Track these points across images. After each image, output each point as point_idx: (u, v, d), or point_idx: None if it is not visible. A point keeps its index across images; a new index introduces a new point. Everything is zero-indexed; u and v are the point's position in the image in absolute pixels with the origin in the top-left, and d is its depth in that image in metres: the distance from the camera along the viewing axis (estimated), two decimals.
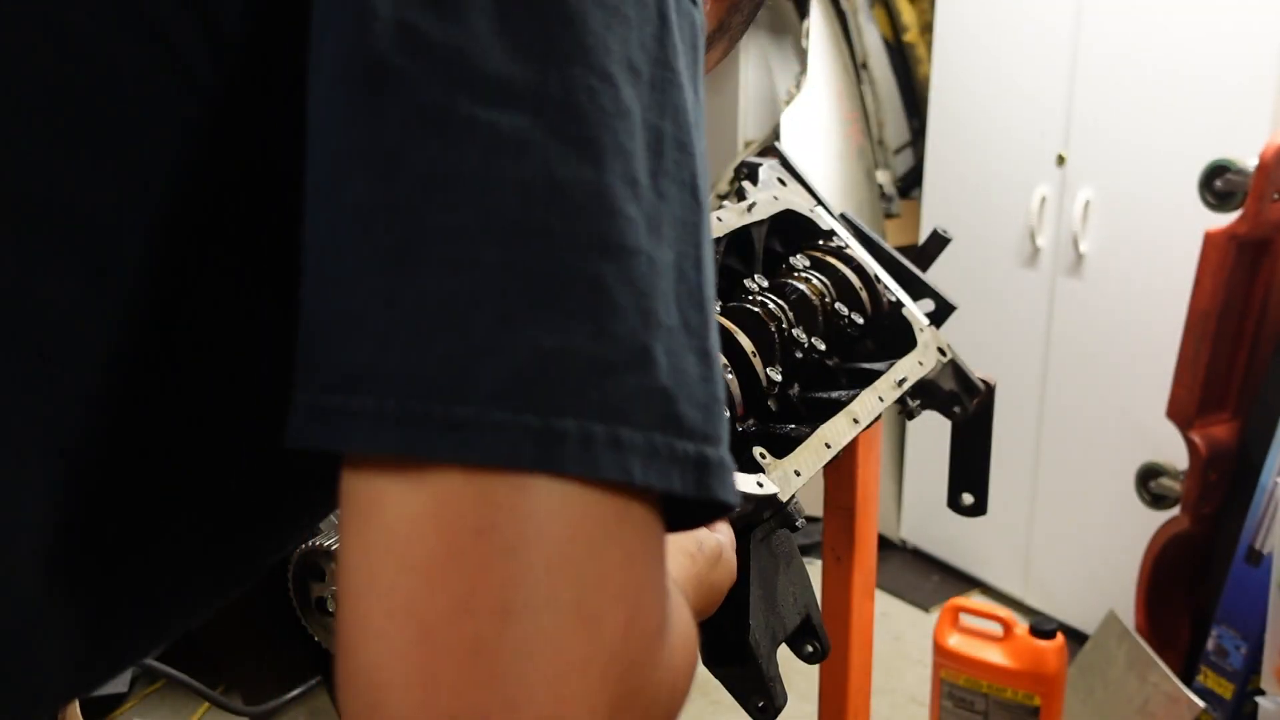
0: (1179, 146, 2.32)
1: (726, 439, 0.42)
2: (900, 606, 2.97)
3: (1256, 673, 2.01)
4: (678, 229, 0.41)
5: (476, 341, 0.36)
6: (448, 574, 0.35)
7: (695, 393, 0.40)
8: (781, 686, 0.85)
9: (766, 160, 1.24)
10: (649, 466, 0.38)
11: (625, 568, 0.38)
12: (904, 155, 3.28)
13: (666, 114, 0.42)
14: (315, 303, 0.39)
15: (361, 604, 0.36)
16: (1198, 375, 2.15)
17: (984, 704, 2.08)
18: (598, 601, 0.37)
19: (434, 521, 0.35)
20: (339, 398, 0.36)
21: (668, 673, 0.41)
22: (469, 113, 0.37)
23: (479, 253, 0.36)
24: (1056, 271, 2.66)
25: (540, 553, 0.36)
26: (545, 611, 0.35)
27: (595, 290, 0.37)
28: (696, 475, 0.39)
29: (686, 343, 0.40)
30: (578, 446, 0.36)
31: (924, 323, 1.21)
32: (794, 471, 0.88)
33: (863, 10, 3.14)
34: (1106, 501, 2.59)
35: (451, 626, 0.35)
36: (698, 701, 2.54)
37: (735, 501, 0.42)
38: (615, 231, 0.38)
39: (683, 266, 0.41)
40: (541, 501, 0.36)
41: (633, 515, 0.38)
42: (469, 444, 0.35)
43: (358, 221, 0.37)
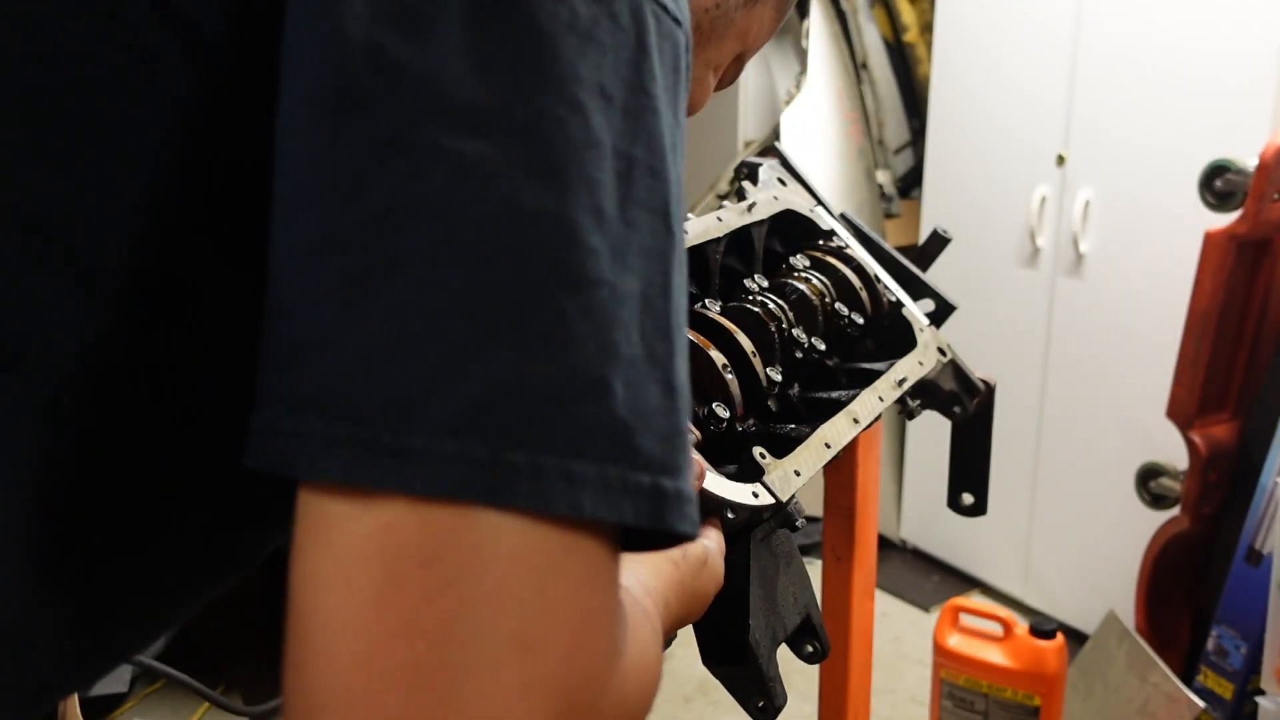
0: (1179, 146, 2.32)
1: (689, 470, 0.42)
2: (900, 606, 2.97)
3: (1256, 673, 2.01)
4: (646, 258, 0.41)
5: (430, 371, 0.36)
6: (390, 601, 0.35)
7: (655, 424, 0.40)
8: (781, 686, 0.85)
9: (766, 160, 1.24)
10: (599, 499, 0.38)
11: (570, 597, 0.38)
12: (904, 155, 3.28)
13: (639, 141, 0.41)
14: (275, 325, 0.39)
15: (307, 624, 0.37)
16: (1198, 375, 2.15)
17: (984, 704, 2.08)
18: (540, 629, 0.37)
19: (379, 548, 0.36)
20: (291, 421, 0.37)
21: (618, 698, 0.41)
22: (434, 139, 0.37)
23: (437, 282, 0.36)
24: (1056, 271, 2.66)
25: (483, 582, 0.36)
26: (485, 639, 0.36)
27: (553, 322, 0.37)
28: (651, 507, 0.39)
29: (649, 373, 0.40)
30: (526, 480, 0.36)
31: (924, 323, 1.21)
32: (794, 471, 0.88)
33: (863, 10, 3.14)
34: (1106, 501, 2.59)
35: (391, 652, 0.35)
36: (698, 701, 2.54)
37: (693, 532, 0.42)
38: (576, 263, 0.38)
39: (649, 296, 0.41)
40: (487, 533, 0.36)
41: (581, 545, 0.38)
42: (415, 474, 0.36)
43: (319, 245, 0.37)
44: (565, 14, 0.39)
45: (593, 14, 0.40)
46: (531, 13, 0.39)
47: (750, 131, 3.50)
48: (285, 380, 0.38)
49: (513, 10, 0.39)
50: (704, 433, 0.89)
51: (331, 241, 0.37)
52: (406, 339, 0.36)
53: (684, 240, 0.44)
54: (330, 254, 0.37)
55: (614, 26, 0.41)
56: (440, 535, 0.36)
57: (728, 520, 0.81)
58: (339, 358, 0.36)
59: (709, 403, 0.89)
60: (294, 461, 0.36)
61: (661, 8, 0.43)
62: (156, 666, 1.28)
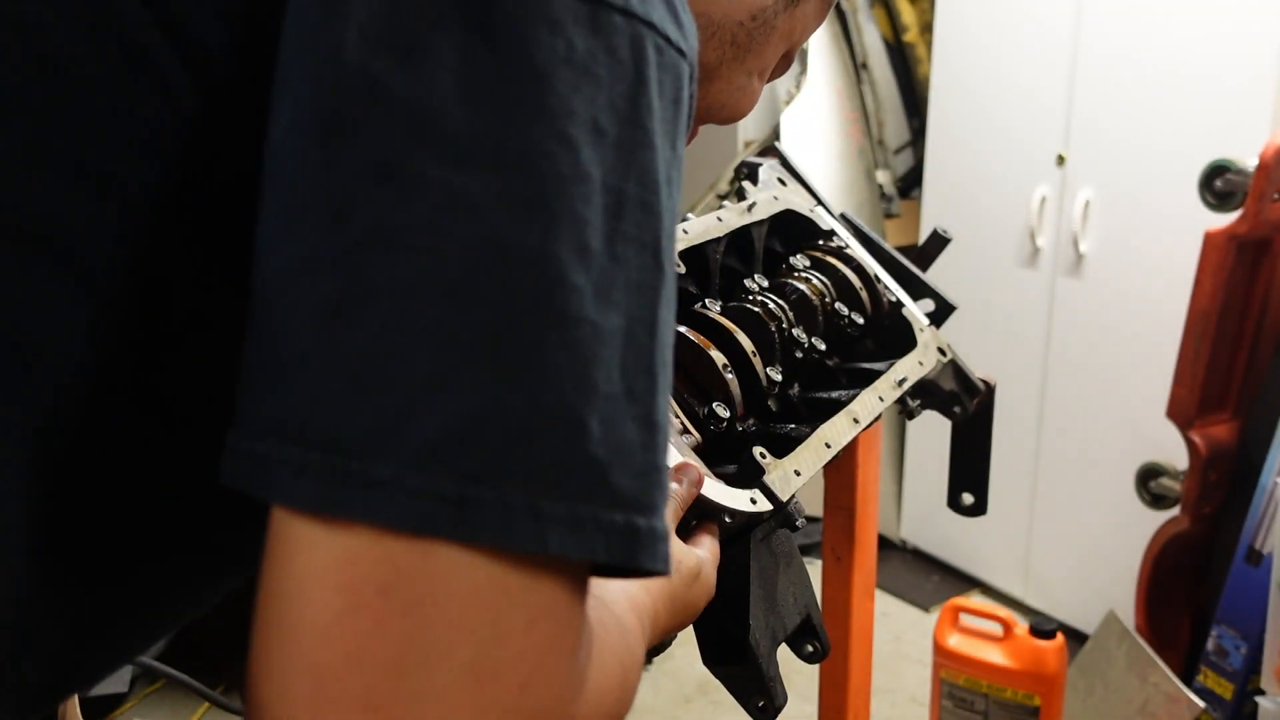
0: (1179, 146, 2.32)
1: (664, 506, 0.42)
2: (900, 606, 2.97)
3: (1256, 673, 2.01)
4: (632, 293, 0.41)
5: (402, 402, 0.36)
6: (346, 628, 0.36)
7: (632, 461, 0.40)
8: (781, 686, 0.85)
9: (766, 160, 1.24)
10: (568, 537, 0.38)
11: (527, 630, 0.38)
12: (904, 155, 3.28)
13: (631, 175, 0.41)
14: (255, 347, 0.39)
15: (265, 643, 0.37)
16: (1198, 375, 2.15)
17: (984, 704, 2.08)
18: (493, 663, 0.37)
19: (339, 576, 0.36)
20: (264, 445, 0.37)
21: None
22: (422, 169, 0.37)
23: (416, 312, 0.36)
24: (1056, 271, 2.66)
25: (440, 613, 0.36)
26: (440, 668, 0.36)
27: (529, 358, 0.37)
28: (625, 545, 0.39)
29: (628, 410, 0.40)
30: (493, 515, 0.36)
31: (924, 323, 1.21)
32: (794, 471, 0.88)
33: (863, 10, 3.14)
34: (1106, 501, 2.59)
35: (343, 680, 0.36)
36: (698, 701, 2.54)
37: (665, 571, 0.42)
38: (558, 299, 0.38)
39: (633, 332, 0.40)
40: (448, 565, 0.36)
41: (545, 579, 0.38)
42: (383, 506, 0.36)
43: (301, 271, 0.37)
44: (562, 48, 0.39)
45: (590, 47, 0.40)
46: (527, 46, 0.39)
47: (750, 131, 3.50)
48: (260, 402, 0.38)
49: (508, 43, 0.38)
50: (704, 433, 0.89)
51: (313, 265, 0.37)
52: (381, 368, 0.36)
53: (674, 276, 0.44)
54: (311, 277, 0.37)
55: (611, 60, 0.41)
56: (400, 565, 0.36)
57: (725, 525, 0.81)
58: (313, 384, 0.37)
59: (709, 403, 0.89)
60: (265, 486, 0.37)
61: (665, 39, 0.43)
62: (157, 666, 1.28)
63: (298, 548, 0.37)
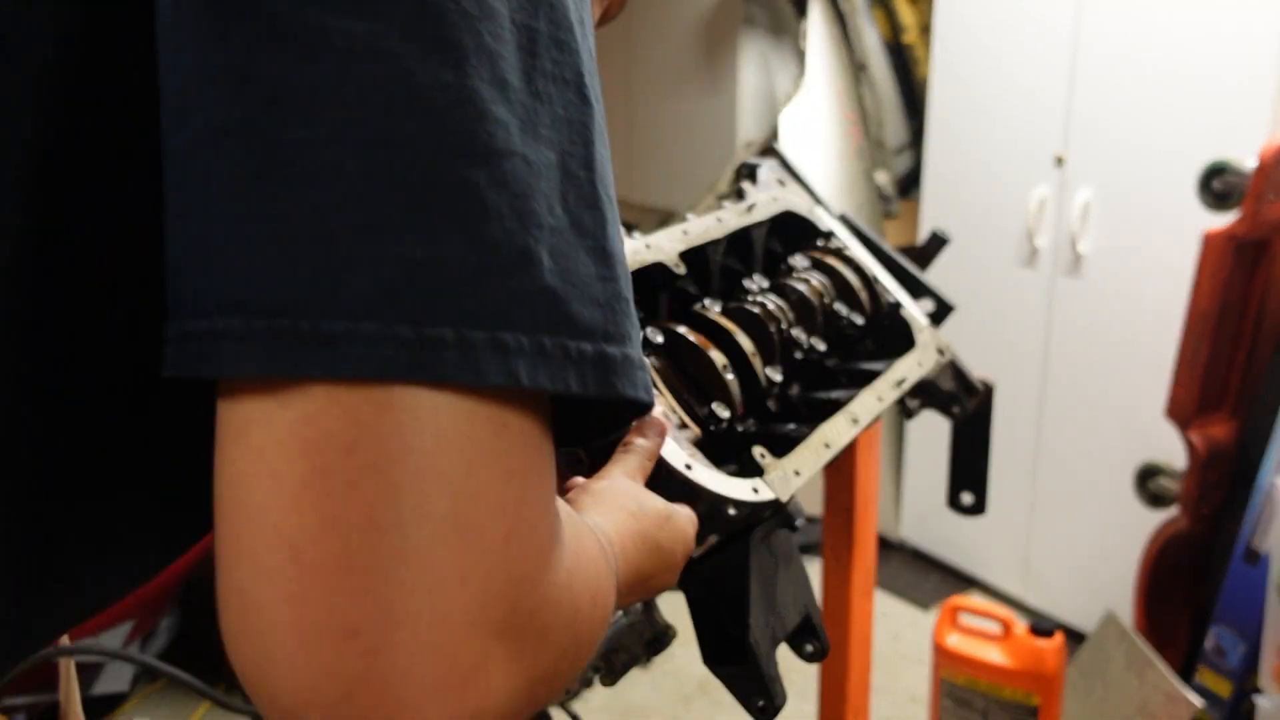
0: (1179, 146, 2.32)
1: (636, 337, 0.41)
2: (900, 606, 2.97)
3: (1254, 672, 2.02)
4: (561, 128, 0.40)
5: (342, 256, 0.35)
6: (315, 493, 0.35)
7: (591, 291, 0.39)
8: (781, 686, 0.85)
9: (766, 161, 1.24)
10: (538, 368, 0.37)
11: (504, 481, 0.37)
12: (904, 155, 3.28)
13: (540, 13, 0.40)
14: (178, 229, 0.38)
15: (233, 527, 0.36)
16: (1197, 375, 2.15)
17: (983, 703, 2.08)
18: (474, 515, 0.36)
19: (300, 441, 0.35)
20: (206, 322, 0.36)
21: (566, 593, 0.40)
22: (320, 21, 0.36)
23: (339, 166, 0.35)
24: (1055, 271, 2.66)
25: (409, 467, 0.35)
26: (417, 526, 0.35)
27: (464, 195, 0.36)
28: (599, 374, 0.39)
29: (578, 242, 0.39)
30: (457, 353, 0.36)
31: (923, 323, 1.21)
32: (794, 471, 0.88)
33: (862, 11, 3.14)
34: (1106, 501, 2.60)
35: (319, 545, 0.35)
36: (698, 701, 2.55)
37: (648, 399, 0.41)
38: (483, 134, 0.37)
39: (569, 166, 0.40)
40: (409, 414, 0.35)
41: (512, 425, 0.37)
42: (341, 359, 0.35)
43: (212, 142, 0.36)
44: None
45: None
46: None
47: (750, 132, 3.50)
48: (193, 283, 0.37)
49: None
50: (704, 433, 0.89)
51: (224, 133, 0.36)
52: (313, 226, 0.35)
53: (603, 112, 0.43)
54: (224, 146, 0.36)
55: None
56: (361, 420, 0.35)
57: (729, 517, 0.81)
58: (245, 252, 0.35)
59: (709, 403, 0.89)
60: (213, 362, 0.36)
61: None
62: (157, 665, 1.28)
63: (253, 422, 0.36)
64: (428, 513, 0.35)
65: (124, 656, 1.39)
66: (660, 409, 0.86)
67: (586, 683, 0.82)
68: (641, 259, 0.93)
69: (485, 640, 0.37)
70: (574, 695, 0.80)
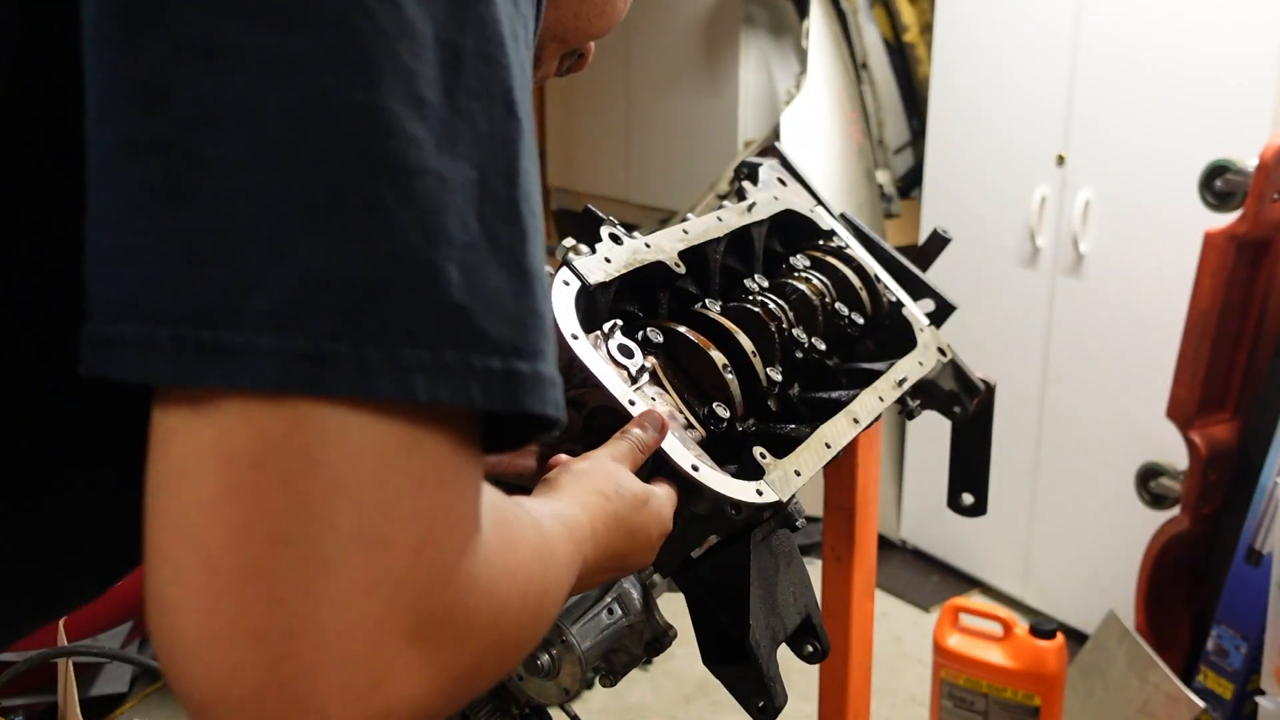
0: (1179, 146, 2.32)
1: (550, 352, 0.41)
2: (900, 606, 2.97)
3: (1256, 673, 2.01)
4: (483, 144, 0.40)
5: (247, 271, 0.36)
6: (226, 506, 0.36)
7: (502, 307, 0.39)
8: (782, 686, 0.85)
9: (766, 160, 1.24)
10: (438, 383, 0.37)
11: (415, 492, 0.38)
12: (904, 155, 3.28)
13: (468, 29, 0.41)
14: (96, 236, 0.38)
15: (157, 531, 0.37)
16: (1198, 375, 2.15)
17: (984, 704, 2.08)
18: (383, 527, 0.37)
19: (214, 455, 0.36)
20: (114, 328, 0.37)
21: (485, 599, 0.41)
22: (233, 38, 0.37)
23: (249, 182, 0.36)
24: (1056, 271, 2.66)
25: (316, 480, 0.36)
26: (323, 538, 0.36)
27: (370, 212, 0.37)
28: (505, 390, 0.39)
29: (492, 258, 0.39)
30: (352, 368, 0.36)
31: (924, 323, 1.21)
32: (794, 471, 0.88)
33: (863, 10, 3.14)
34: (1106, 501, 2.59)
35: (230, 555, 0.36)
36: (698, 701, 2.54)
37: (556, 416, 0.41)
38: (393, 152, 0.37)
39: (488, 181, 0.40)
40: (317, 429, 0.36)
41: (426, 439, 0.38)
42: (238, 370, 0.36)
43: (129, 157, 0.37)
44: None
45: None
46: None
47: (750, 131, 3.50)
48: (106, 288, 0.37)
49: None
50: (705, 432, 0.89)
51: (136, 148, 0.37)
52: (219, 239, 0.36)
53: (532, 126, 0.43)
54: (136, 161, 0.37)
55: None
56: (271, 436, 0.36)
57: (731, 517, 0.81)
58: (154, 262, 0.36)
59: (709, 403, 0.89)
60: (121, 365, 0.37)
61: None
62: (157, 666, 1.28)
63: (173, 434, 0.37)
64: (335, 525, 0.37)
65: (123, 657, 1.39)
66: (666, 409, 0.86)
67: (587, 684, 0.82)
68: (641, 259, 0.93)
69: (394, 646, 0.38)
70: (574, 696, 0.80)
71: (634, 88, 3.94)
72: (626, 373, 0.84)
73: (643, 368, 0.85)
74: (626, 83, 3.96)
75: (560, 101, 4.33)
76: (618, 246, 0.91)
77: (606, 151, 4.12)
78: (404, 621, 0.38)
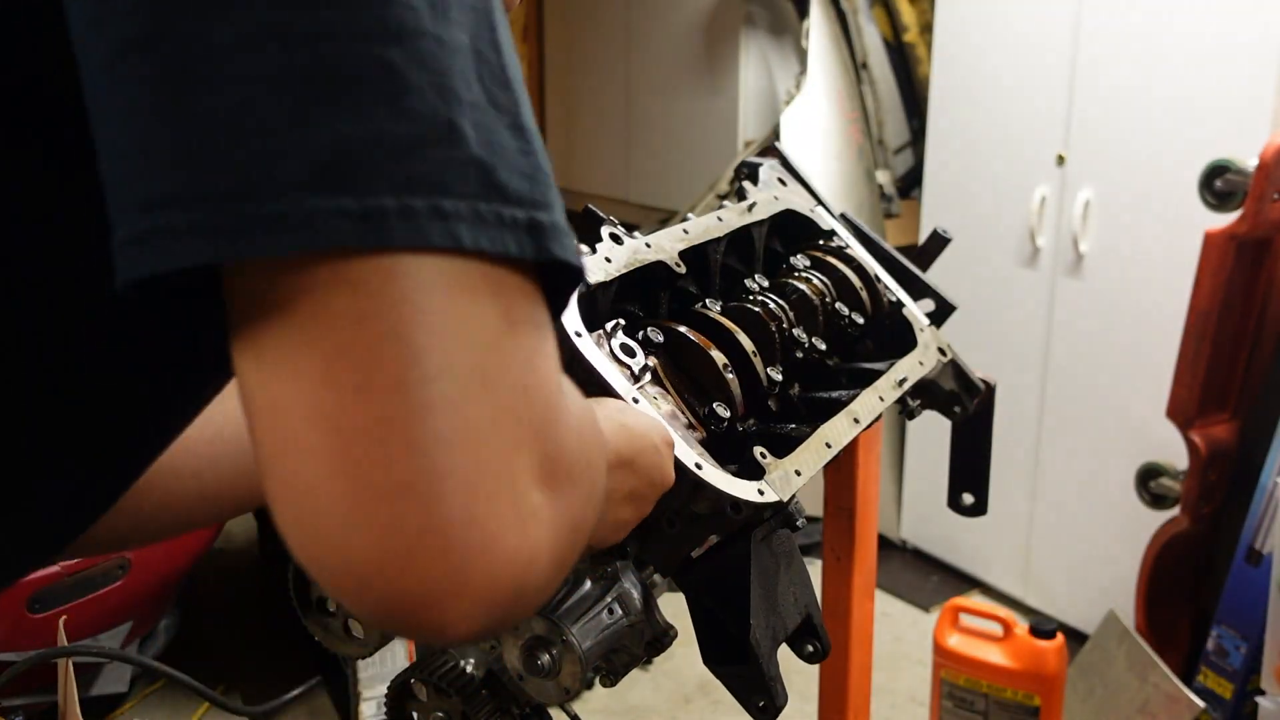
0: (1179, 146, 2.32)
1: (560, 209, 0.42)
2: (900, 606, 2.97)
3: (1256, 673, 2.02)
4: (468, 13, 0.41)
5: (275, 143, 0.36)
6: (339, 367, 0.36)
7: (515, 163, 0.40)
8: (782, 686, 0.85)
9: (767, 160, 1.24)
10: (478, 232, 0.38)
11: (510, 332, 0.39)
12: (904, 155, 3.28)
13: None
14: (109, 139, 0.38)
15: (270, 421, 0.37)
16: (1198, 375, 2.15)
17: (984, 704, 2.08)
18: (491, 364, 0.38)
19: (313, 323, 0.37)
20: (149, 221, 0.36)
21: (580, 441, 0.43)
22: None
23: (259, 60, 0.36)
24: (1056, 271, 2.66)
25: (422, 326, 0.37)
26: (440, 380, 0.37)
27: (385, 74, 0.37)
28: (533, 239, 0.40)
29: (496, 118, 0.40)
30: (399, 220, 0.37)
31: (924, 322, 1.21)
32: (795, 471, 0.88)
33: (863, 10, 3.14)
34: (1106, 501, 2.59)
35: (354, 412, 0.36)
36: (698, 701, 2.54)
37: (578, 264, 0.42)
38: (394, 16, 0.38)
39: (479, 48, 0.41)
40: (406, 279, 0.37)
41: (504, 282, 0.39)
42: (289, 234, 0.36)
43: (133, 51, 0.37)
44: None
45: None
46: None
47: (750, 131, 3.50)
48: (132, 189, 0.37)
49: None
50: (705, 432, 0.89)
51: (142, 45, 0.37)
52: (245, 120, 0.36)
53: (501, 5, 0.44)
54: (143, 57, 0.37)
55: None
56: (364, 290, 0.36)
57: (731, 517, 0.81)
58: (184, 153, 0.36)
59: (710, 403, 0.89)
60: (165, 256, 0.36)
61: None
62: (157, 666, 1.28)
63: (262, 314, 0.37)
64: (449, 366, 0.37)
65: (123, 657, 1.39)
66: (668, 408, 0.86)
67: (587, 684, 0.82)
68: (642, 258, 0.93)
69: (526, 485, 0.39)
70: (574, 696, 0.80)
71: (634, 88, 3.95)
72: (629, 371, 0.84)
73: (645, 366, 0.85)
74: (626, 83, 3.96)
75: (560, 101, 4.33)
76: (618, 246, 0.91)
77: (606, 151, 4.12)
78: (529, 461, 0.39)
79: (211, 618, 2.80)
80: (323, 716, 2.43)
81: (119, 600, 2.17)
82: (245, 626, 2.75)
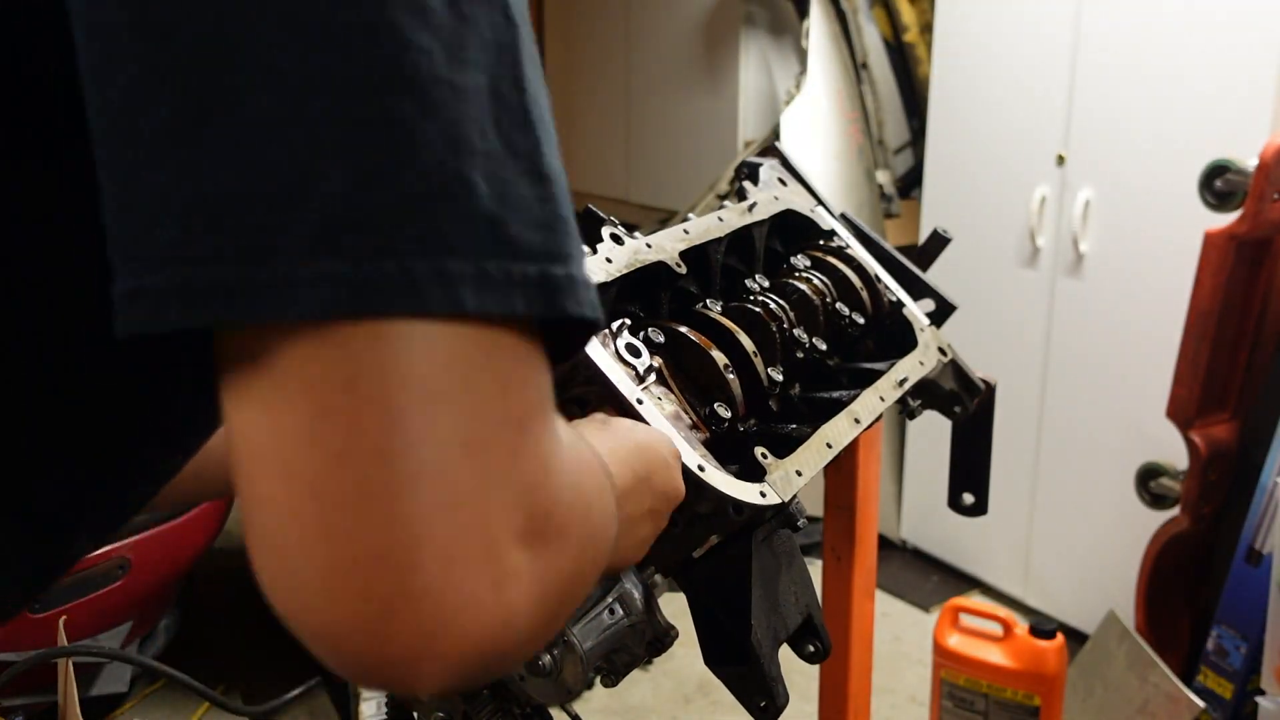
0: (1179, 146, 2.32)
1: (580, 257, 0.41)
2: (900, 606, 2.97)
3: (1256, 673, 2.02)
4: (489, 52, 0.40)
5: (277, 203, 0.36)
6: (321, 431, 0.36)
7: (529, 213, 0.39)
8: (783, 686, 0.85)
9: (767, 160, 1.24)
10: (484, 293, 0.38)
11: (502, 395, 0.38)
12: (904, 155, 3.28)
13: None
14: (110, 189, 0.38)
15: (251, 475, 0.37)
16: (1198, 375, 2.15)
17: (984, 704, 2.08)
18: (478, 430, 0.38)
19: (299, 386, 0.36)
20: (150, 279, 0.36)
21: (576, 493, 0.42)
22: None
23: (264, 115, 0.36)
24: (1056, 271, 2.66)
25: (408, 393, 0.36)
26: (424, 447, 0.36)
27: (392, 127, 0.37)
28: (543, 294, 0.39)
29: (513, 166, 0.39)
30: (398, 286, 0.36)
31: (924, 322, 1.21)
32: (795, 471, 0.88)
33: (863, 10, 3.14)
34: (1106, 501, 2.59)
35: (335, 480, 0.36)
36: (698, 701, 2.54)
37: (594, 317, 0.41)
38: (407, 65, 0.37)
39: (499, 89, 0.40)
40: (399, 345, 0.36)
41: (498, 345, 0.38)
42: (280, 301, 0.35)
43: (140, 98, 0.37)
44: None
45: None
46: None
47: (750, 131, 3.50)
48: (134, 243, 0.37)
49: None
50: (708, 432, 0.89)
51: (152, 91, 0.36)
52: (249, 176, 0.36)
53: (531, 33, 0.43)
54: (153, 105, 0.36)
55: None
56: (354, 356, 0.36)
57: (733, 518, 0.81)
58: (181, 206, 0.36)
59: (710, 403, 0.89)
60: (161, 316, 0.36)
61: None
62: (156, 666, 1.28)
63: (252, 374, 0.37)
64: (433, 434, 0.37)
65: (123, 657, 1.39)
66: (672, 408, 0.86)
67: (588, 684, 0.82)
68: (642, 258, 0.93)
69: (508, 547, 0.38)
70: (574, 696, 0.80)
71: (634, 88, 3.95)
72: (634, 371, 0.84)
73: (650, 367, 0.85)
74: (626, 83, 3.96)
75: (560, 101, 4.33)
76: (619, 247, 0.91)
77: (606, 151, 4.12)
78: (514, 522, 0.38)
79: (211, 618, 2.80)
80: (323, 716, 2.43)
81: (119, 600, 2.17)
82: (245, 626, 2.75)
